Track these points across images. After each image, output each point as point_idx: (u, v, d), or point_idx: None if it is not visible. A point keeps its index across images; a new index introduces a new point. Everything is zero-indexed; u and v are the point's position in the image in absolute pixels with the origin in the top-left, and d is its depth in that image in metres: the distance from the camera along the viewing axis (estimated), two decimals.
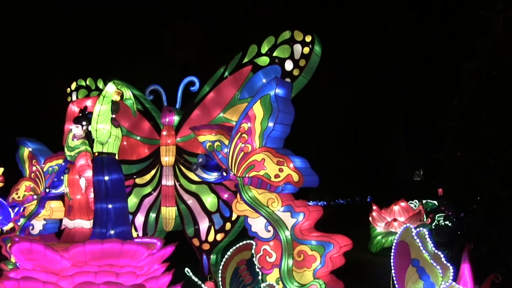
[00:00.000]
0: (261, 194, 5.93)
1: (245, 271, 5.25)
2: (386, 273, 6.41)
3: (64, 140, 6.86)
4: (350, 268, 6.11)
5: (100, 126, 5.94)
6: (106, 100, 5.98)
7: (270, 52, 6.66)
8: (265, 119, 5.89)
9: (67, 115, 6.91)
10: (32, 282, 5.68)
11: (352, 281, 6.19)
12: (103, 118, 5.96)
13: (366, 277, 9.48)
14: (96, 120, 5.93)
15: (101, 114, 5.95)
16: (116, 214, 6.16)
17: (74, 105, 6.88)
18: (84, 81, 8.49)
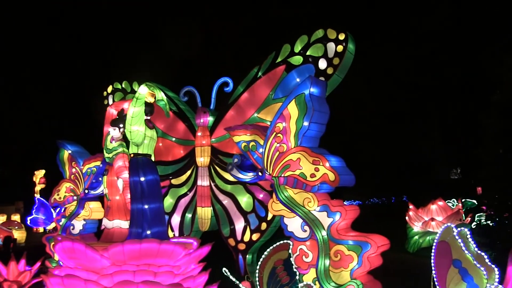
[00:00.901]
0: (297, 193, 5.90)
1: (282, 271, 5.22)
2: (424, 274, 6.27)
3: (103, 142, 7.02)
4: (387, 269, 6.01)
5: (134, 128, 6.05)
6: (139, 102, 6.08)
7: (303, 51, 6.61)
8: (300, 119, 5.85)
9: (105, 118, 7.06)
10: (74, 280, 5.83)
11: (390, 281, 6.09)
12: (137, 120, 6.07)
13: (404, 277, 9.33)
14: (130, 122, 6.05)
15: (135, 116, 6.06)
16: (151, 215, 6.26)
17: (112, 108, 7.04)
18: (120, 84, 8.66)
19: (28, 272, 7.61)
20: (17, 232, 16.94)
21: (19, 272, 7.53)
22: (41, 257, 8.07)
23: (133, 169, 6.19)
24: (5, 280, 7.31)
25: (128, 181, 6.45)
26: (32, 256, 7.84)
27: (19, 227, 17.60)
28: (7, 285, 7.20)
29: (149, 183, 6.23)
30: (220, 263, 6.68)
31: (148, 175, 6.22)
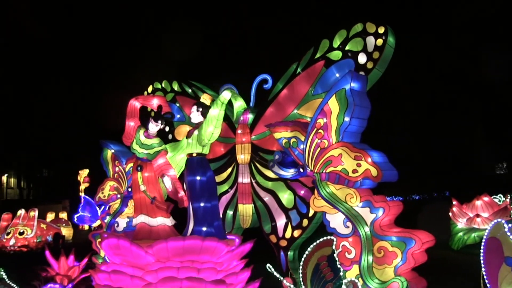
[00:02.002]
0: (339, 189, 5.86)
1: (326, 267, 5.19)
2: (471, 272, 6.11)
3: (127, 136, 6.96)
4: (432, 266, 5.88)
5: (216, 130, 6.38)
6: (223, 105, 6.38)
7: (342, 46, 6.54)
8: (341, 114, 5.80)
9: (129, 111, 6.95)
10: (120, 276, 6.01)
11: (435, 279, 5.96)
12: (219, 123, 6.39)
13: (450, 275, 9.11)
14: (214, 124, 6.33)
15: (219, 118, 6.36)
16: (215, 211, 6.51)
17: (136, 101, 6.98)
18: (160, 83, 8.82)
19: (77, 267, 7.85)
20: (65, 229, 17.54)
21: (69, 267, 7.79)
22: (87, 253, 8.31)
23: (197, 168, 6.47)
24: (57, 274, 7.59)
25: (175, 178, 6.64)
26: (79, 252, 8.08)
27: (66, 224, 18.22)
28: (59, 279, 7.47)
29: (210, 181, 6.54)
30: (261, 260, 6.72)
31: (208, 174, 6.55)
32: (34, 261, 9.87)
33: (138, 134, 6.75)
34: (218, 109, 6.36)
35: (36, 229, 15.46)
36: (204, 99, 6.78)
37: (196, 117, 6.70)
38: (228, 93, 6.50)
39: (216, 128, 6.37)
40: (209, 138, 6.40)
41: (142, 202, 6.64)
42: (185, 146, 6.76)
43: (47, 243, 14.59)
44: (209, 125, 6.35)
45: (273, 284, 6.43)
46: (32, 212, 15.81)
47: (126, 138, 6.96)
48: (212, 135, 6.39)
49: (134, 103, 6.89)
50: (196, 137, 6.50)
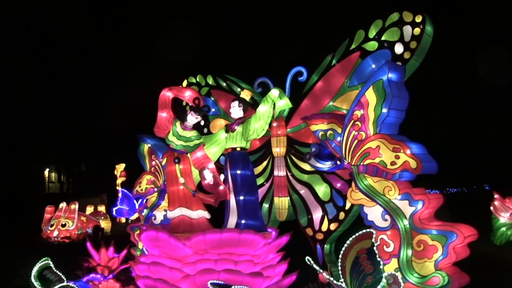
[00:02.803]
0: (377, 182, 5.77)
1: (365, 260, 5.12)
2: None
3: (161, 126, 6.99)
4: (473, 261, 5.72)
5: (266, 127, 6.57)
6: (272, 103, 6.57)
7: (378, 36, 6.44)
8: (378, 105, 5.70)
9: (161, 101, 6.98)
10: (159, 267, 6.12)
11: (477, 274, 5.79)
12: (269, 119, 6.56)
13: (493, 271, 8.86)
14: (264, 120, 6.50)
15: (269, 115, 6.54)
16: (256, 205, 6.66)
17: (169, 92, 6.99)
18: (194, 78, 8.89)
19: (117, 258, 8.02)
20: (103, 222, 18.00)
21: (109, 258, 7.96)
22: (126, 245, 8.47)
23: (241, 162, 6.65)
24: (98, 265, 7.80)
25: (215, 171, 6.71)
26: (118, 244, 8.26)
27: (105, 217, 18.69)
28: (100, 269, 7.66)
29: (252, 175, 6.75)
30: (297, 253, 6.72)
31: (250, 167, 6.74)
32: (76, 252, 10.18)
33: (175, 126, 6.82)
34: (268, 106, 6.49)
35: (77, 221, 15.95)
36: (244, 95, 6.87)
37: (237, 113, 6.81)
38: (276, 91, 6.62)
39: (265, 124, 6.53)
40: (258, 133, 6.56)
41: (181, 195, 6.71)
42: (224, 140, 6.85)
43: (87, 235, 15.03)
44: (257, 121, 6.51)
45: (310, 277, 6.43)
46: (72, 205, 16.31)
47: (159, 129, 7.03)
48: (259, 131, 6.54)
49: (166, 94, 6.93)
50: (241, 132, 6.60)
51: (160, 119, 6.92)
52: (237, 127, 6.73)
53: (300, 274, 6.54)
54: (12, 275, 8.90)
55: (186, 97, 6.97)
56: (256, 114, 6.57)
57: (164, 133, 6.93)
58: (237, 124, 6.76)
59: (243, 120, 6.77)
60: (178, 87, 7.50)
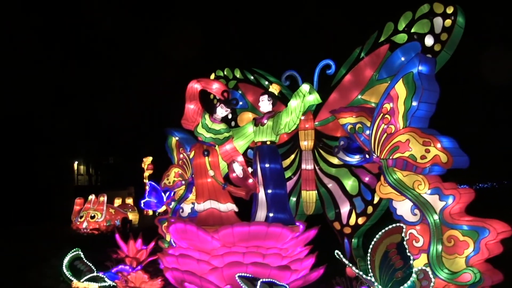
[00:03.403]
0: (407, 176, 5.69)
1: (395, 255, 5.06)
2: None
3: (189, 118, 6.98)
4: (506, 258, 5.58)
5: (297, 121, 6.64)
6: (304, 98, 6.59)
7: (407, 28, 6.32)
8: (408, 98, 5.62)
9: (188, 93, 6.97)
10: (187, 259, 6.19)
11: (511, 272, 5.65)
12: (300, 114, 6.61)
13: None
14: (297, 115, 6.57)
15: (301, 110, 6.60)
16: (285, 198, 6.74)
17: (197, 84, 6.96)
18: (222, 71, 8.91)
19: (145, 250, 8.13)
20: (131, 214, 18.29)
21: (137, 250, 8.08)
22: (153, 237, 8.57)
23: (271, 155, 6.73)
24: (126, 256, 7.93)
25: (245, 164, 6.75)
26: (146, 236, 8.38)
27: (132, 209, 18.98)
28: (128, 261, 7.79)
29: (281, 168, 6.83)
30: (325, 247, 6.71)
31: (280, 160, 6.82)
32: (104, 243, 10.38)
33: (204, 118, 6.85)
34: (300, 100, 6.52)
35: (105, 213, 16.26)
36: (273, 89, 6.88)
37: (266, 106, 6.86)
38: (307, 85, 6.63)
39: (297, 118, 6.58)
40: (290, 127, 6.63)
41: (210, 188, 6.73)
42: (252, 134, 6.87)
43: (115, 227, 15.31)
44: (289, 116, 6.56)
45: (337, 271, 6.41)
46: (101, 198, 16.62)
47: (187, 121, 7.03)
48: (290, 125, 6.60)
49: (194, 85, 6.93)
50: (272, 125, 6.62)
51: (188, 111, 6.93)
52: (267, 121, 6.75)
53: (328, 268, 6.53)
54: (44, 265, 9.13)
55: (214, 89, 6.99)
56: (288, 109, 6.60)
57: (193, 125, 6.96)
58: (267, 118, 6.78)
59: (273, 114, 6.79)
60: (206, 79, 7.52)
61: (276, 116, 6.72)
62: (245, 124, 7.37)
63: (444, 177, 5.65)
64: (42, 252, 10.66)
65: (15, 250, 12.03)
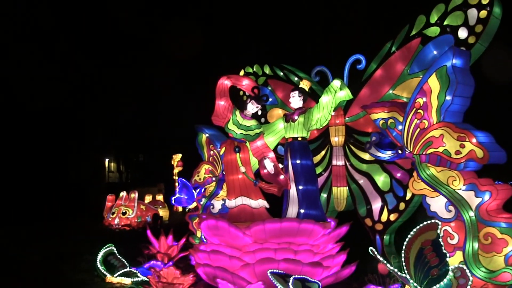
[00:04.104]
0: (440, 172, 5.58)
1: (430, 252, 4.96)
2: None
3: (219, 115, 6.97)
4: None
5: (327, 117, 6.59)
6: (335, 94, 6.55)
7: (440, 21, 6.18)
8: (442, 93, 5.51)
9: (218, 89, 6.93)
10: (219, 256, 6.23)
11: None
12: (331, 110, 6.57)
13: None
14: (328, 111, 6.54)
15: (332, 106, 6.56)
16: (316, 194, 6.71)
17: (227, 80, 6.93)
18: (251, 68, 8.92)
19: (176, 246, 8.22)
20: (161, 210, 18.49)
21: (168, 246, 8.18)
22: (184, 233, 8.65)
23: (302, 151, 6.73)
24: (158, 252, 8.04)
25: (276, 161, 6.75)
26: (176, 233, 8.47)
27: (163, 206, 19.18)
28: (160, 257, 7.89)
29: (312, 165, 6.81)
30: (356, 244, 6.65)
31: (311, 157, 6.81)
32: (136, 239, 10.56)
33: (234, 114, 6.87)
34: (331, 96, 6.48)
35: (136, 210, 16.51)
36: (303, 85, 6.86)
37: (297, 102, 6.86)
38: (338, 81, 6.58)
39: (328, 114, 6.54)
40: (322, 123, 6.59)
41: (241, 184, 6.74)
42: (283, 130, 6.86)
43: (147, 223, 15.53)
44: (320, 112, 6.53)
45: (369, 268, 6.35)
46: (132, 194, 16.87)
47: (217, 117, 7.01)
48: (321, 121, 6.57)
49: (225, 82, 6.91)
50: (303, 122, 6.61)
51: (218, 107, 6.94)
52: (298, 117, 6.74)
53: (359, 265, 6.48)
54: (78, 259, 9.34)
55: (244, 85, 6.98)
56: (319, 105, 6.57)
57: (223, 122, 6.96)
58: (298, 114, 6.77)
59: (304, 110, 6.77)
60: (236, 75, 7.53)
61: (307, 112, 6.70)
62: (275, 121, 7.37)
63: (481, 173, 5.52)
64: (76, 247, 10.91)
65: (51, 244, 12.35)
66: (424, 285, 5.03)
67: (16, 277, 8.67)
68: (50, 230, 16.11)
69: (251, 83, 6.93)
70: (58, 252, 10.60)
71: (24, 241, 12.91)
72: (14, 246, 11.24)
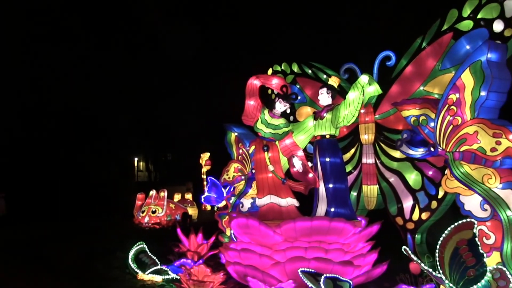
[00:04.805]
0: (475, 169, 5.45)
1: (466, 252, 4.82)
2: None
3: (249, 114, 7.04)
4: None
5: (356, 113, 6.46)
6: (362, 89, 6.42)
7: (473, 14, 6.01)
8: (476, 88, 5.37)
9: (248, 89, 7.00)
10: (250, 254, 6.25)
11: None
12: (359, 106, 6.44)
13: None
14: (355, 107, 6.41)
15: (360, 102, 6.42)
16: (345, 193, 6.62)
17: (257, 80, 6.98)
18: (279, 66, 8.90)
19: (205, 244, 8.29)
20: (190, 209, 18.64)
21: (198, 244, 8.26)
22: (212, 232, 8.72)
23: (330, 149, 6.64)
24: (188, 250, 8.12)
25: (304, 159, 6.72)
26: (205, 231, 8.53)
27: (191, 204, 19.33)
28: (190, 255, 7.98)
29: (341, 163, 6.70)
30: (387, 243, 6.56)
31: (340, 154, 6.71)
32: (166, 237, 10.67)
33: (263, 114, 6.88)
34: (358, 92, 6.38)
35: (166, 208, 16.68)
36: (332, 82, 6.80)
37: (325, 100, 6.79)
38: (366, 77, 6.47)
39: (355, 111, 6.42)
40: (348, 120, 6.49)
41: (270, 182, 6.75)
42: (312, 128, 6.82)
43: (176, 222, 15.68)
44: (347, 108, 6.43)
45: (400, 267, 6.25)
46: (162, 193, 17.05)
47: (247, 117, 7.09)
48: (348, 118, 6.46)
49: (254, 82, 6.97)
50: (331, 119, 6.55)
51: (248, 107, 7.00)
52: (326, 114, 6.69)
53: (391, 264, 6.39)
54: (110, 256, 9.50)
55: (273, 84, 6.99)
56: (346, 101, 6.48)
57: (252, 121, 7.00)
58: (326, 111, 6.71)
59: (332, 107, 6.70)
60: (265, 75, 7.54)
61: (335, 109, 6.63)
62: (305, 119, 7.33)
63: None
64: (108, 244, 11.09)
65: (84, 242, 12.61)
66: (460, 286, 4.91)
67: (51, 273, 8.90)
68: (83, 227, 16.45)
69: (281, 82, 6.92)
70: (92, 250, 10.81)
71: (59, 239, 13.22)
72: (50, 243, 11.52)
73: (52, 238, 12.69)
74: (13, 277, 8.51)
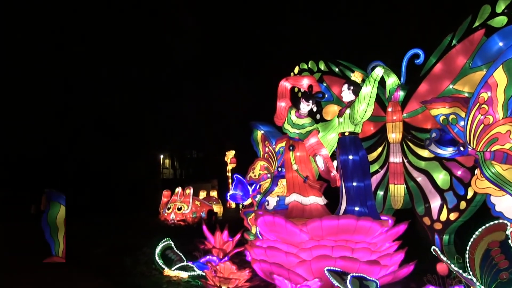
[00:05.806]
0: (507, 170, 5.33)
1: (498, 254, 4.70)
2: None
3: (279, 116, 7.15)
4: None
5: (369, 108, 6.29)
6: (375, 83, 6.25)
7: (508, 10, 5.87)
8: (509, 87, 5.25)
9: (279, 92, 7.10)
10: (276, 252, 6.26)
11: None
12: (372, 100, 6.28)
13: None
14: (367, 102, 6.26)
15: (372, 96, 6.26)
16: (367, 191, 6.50)
17: (286, 82, 7.07)
18: (306, 64, 8.88)
19: (231, 242, 8.33)
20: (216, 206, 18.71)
21: (224, 242, 8.31)
22: (237, 229, 8.75)
23: (350, 147, 6.49)
24: (213, 247, 8.18)
25: (327, 157, 6.70)
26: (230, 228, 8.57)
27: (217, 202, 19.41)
28: (215, 252, 8.04)
29: (362, 160, 6.52)
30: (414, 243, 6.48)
31: (362, 152, 6.54)
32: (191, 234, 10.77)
33: (289, 114, 6.93)
34: (371, 86, 6.25)
35: (191, 205, 16.80)
36: (355, 77, 6.72)
37: (348, 96, 6.67)
38: (380, 69, 6.32)
39: (369, 106, 6.27)
40: (362, 116, 6.33)
41: (295, 181, 6.82)
42: (337, 125, 6.77)
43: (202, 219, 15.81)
44: (362, 103, 6.29)
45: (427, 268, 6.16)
46: (187, 190, 17.18)
47: (278, 119, 7.21)
48: (365, 113, 6.31)
49: (284, 84, 7.08)
50: (349, 115, 6.48)
51: (279, 109, 7.14)
52: (346, 111, 6.59)
53: (418, 264, 6.30)
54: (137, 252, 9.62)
55: (304, 85, 7.03)
56: (360, 96, 6.34)
57: (281, 122, 7.11)
58: (346, 108, 6.63)
59: (350, 104, 6.62)
60: (294, 76, 7.61)
61: (352, 105, 6.50)
62: (333, 117, 7.31)
63: None
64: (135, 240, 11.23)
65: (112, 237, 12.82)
66: None
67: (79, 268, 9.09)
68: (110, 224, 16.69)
69: (309, 82, 6.94)
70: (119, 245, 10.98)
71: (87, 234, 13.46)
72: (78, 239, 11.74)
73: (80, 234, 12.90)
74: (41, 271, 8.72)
